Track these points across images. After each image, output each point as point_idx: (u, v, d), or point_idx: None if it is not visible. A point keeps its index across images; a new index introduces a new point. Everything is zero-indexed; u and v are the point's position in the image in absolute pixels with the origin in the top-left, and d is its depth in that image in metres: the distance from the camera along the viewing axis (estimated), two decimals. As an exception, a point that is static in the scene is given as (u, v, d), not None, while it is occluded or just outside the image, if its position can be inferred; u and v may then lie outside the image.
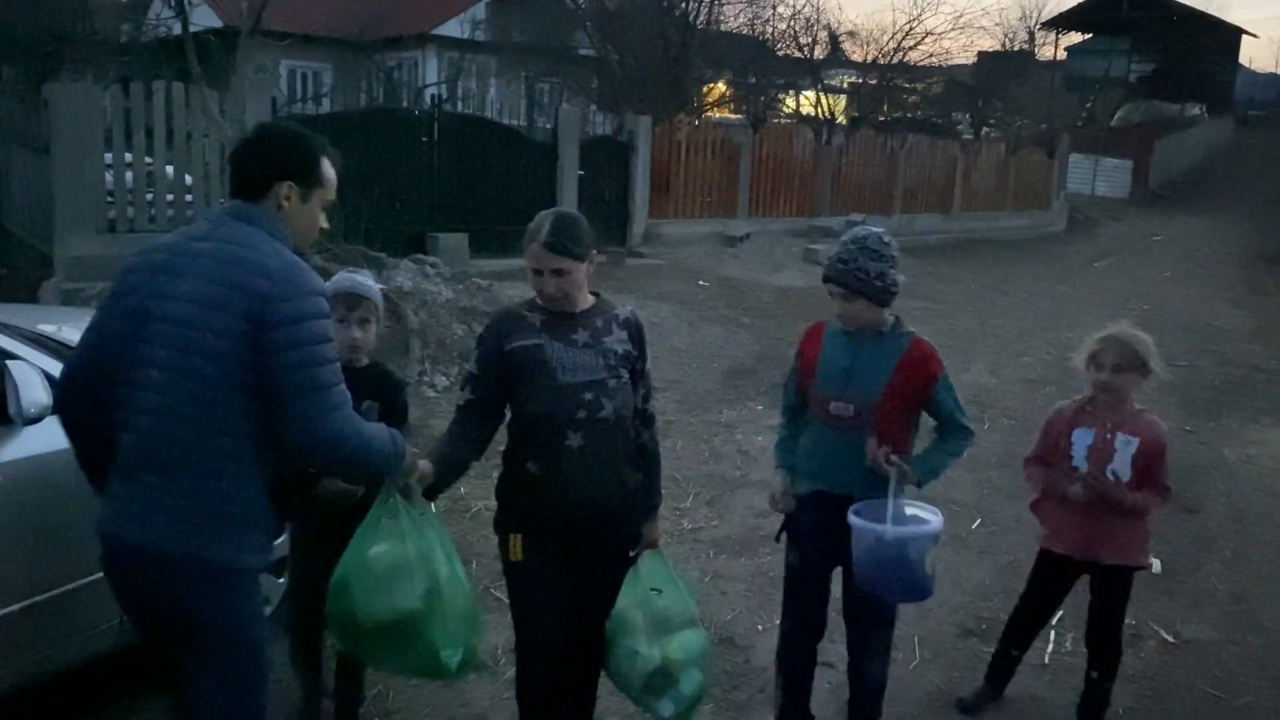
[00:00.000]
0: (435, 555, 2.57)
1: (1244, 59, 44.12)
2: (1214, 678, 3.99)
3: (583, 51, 21.20)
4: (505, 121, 16.03)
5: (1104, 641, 3.50)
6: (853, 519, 2.87)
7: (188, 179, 9.56)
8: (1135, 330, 3.40)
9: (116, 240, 8.93)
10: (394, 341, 7.62)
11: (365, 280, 3.16)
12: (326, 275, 8.02)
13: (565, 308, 2.79)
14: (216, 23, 16.32)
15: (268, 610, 3.47)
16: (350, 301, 3.05)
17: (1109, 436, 3.33)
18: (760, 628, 4.23)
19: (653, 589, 2.92)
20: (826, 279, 3.02)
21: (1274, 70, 45.70)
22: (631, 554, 2.96)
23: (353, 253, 8.68)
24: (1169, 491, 3.36)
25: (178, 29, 11.54)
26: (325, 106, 21.83)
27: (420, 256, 9.73)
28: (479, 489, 5.54)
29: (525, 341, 2.75)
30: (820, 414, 3.04)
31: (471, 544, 4.80)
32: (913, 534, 2.82)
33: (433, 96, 15.53)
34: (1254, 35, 49.23)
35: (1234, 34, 41.81)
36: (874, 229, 3.10)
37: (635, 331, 2.89)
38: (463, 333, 8.26)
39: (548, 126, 15.38)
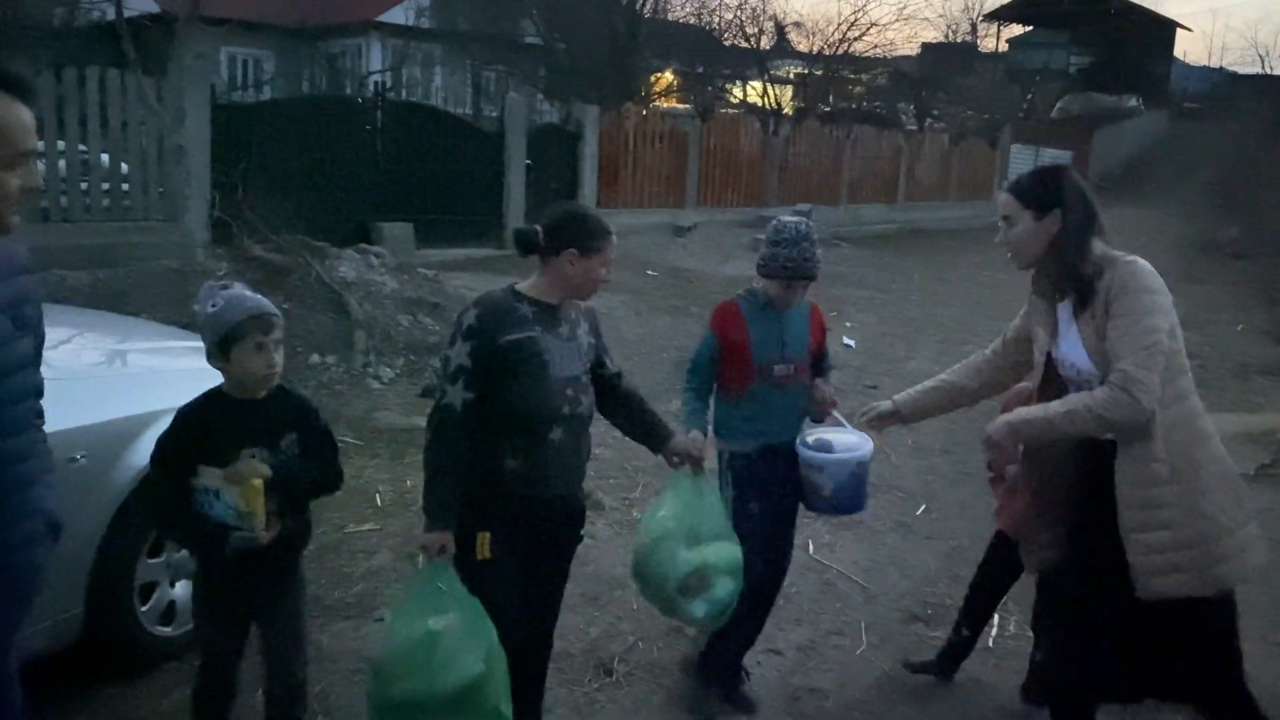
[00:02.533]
0: (477, 608, 2.60)
1: (1178, 52, 45.15)
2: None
3: (529, 40, 21.05)
4: (451, 110, 15.85)
5: (1050, 623, 3.54)
6: (832, 455, 3.31)
7: (124, 168, 9.33)
8: None
9: (50, 230, 8.68)
10: (338, 334, 7.53)
11: (264, 299, 2.81)
12: (268, 265, 7.87)
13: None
14: (153, 8, 15.90)
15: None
16: (265, 324, 2.67)
17: None
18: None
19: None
20: (797, 276, 3.34)
21: (1207, 63, 46.71)
22: (675, 460, 3.06)
23: (294, 243, 8.53)
24: None
25: (113, 14, 11.25)
26: (266, 94, 21.45)
27: (364, 247, 9.60)
28: (378, 469, 5.49)
29: (521, 334, 2.68)
30: (762, 380, 3.37)
31: (419, 537, 4.74)
32: (871, 451, 3.36)
33: (376, 84, 15.33)
34: (1188, 29, 50.38)
35: (1169, 27, 42.72)
36: (796, 219, 3.49)
37: (594, 321, 2.95)
38: (408, 324, 8.17)
39: (494, 115, 15.25)
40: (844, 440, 3.36)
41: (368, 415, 6.62)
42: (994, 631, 4.19)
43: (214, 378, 3.96)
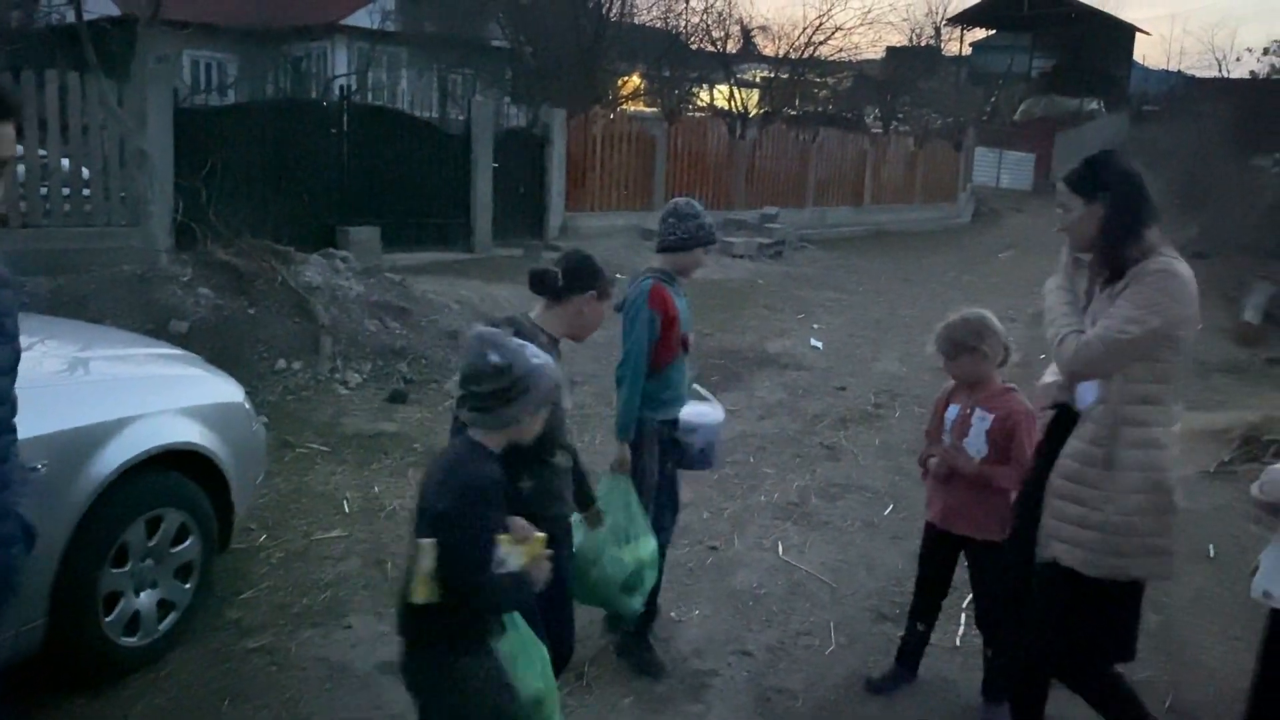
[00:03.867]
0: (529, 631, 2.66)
1: (1138, 56, 45.78)
2: (1115, 654, 4.12)
3: (495, 43, 20.98)
4: (417, 113, 15.77)
5: (988, 618, 3.62)
6: (705, 420, 3.90)
7: (85, 172, 9.21)
8: (967, 316, 3.57)
9: (9, 235, 8.55)
10: (304, 339, 7.47)
11: None
12: (233, 270, 7.80)
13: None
14: (114, 10, 15.73)
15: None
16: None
17: (968, 412, 3.53)
18: (674, 615, 4.25)
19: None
20: (712, 242, 3.88)
21: (1165, 67, 47.37)
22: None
23: (259, 248, 8.45)
24: (1016, 468, 3.39)
25: (72, 16, 11.11)
26: (230, 97, 21.23)
27: (331, 251, 9.54)
28: (393, 487, 5.47)
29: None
30: (680, 350, 3.75)
31: (387, 544, 4.73)
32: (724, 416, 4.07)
33: (342, 88, 15.22)
34: (1147, 33, 51.14)
35: (1128, 31, 43.32)
36: (685, 197, 4.07)
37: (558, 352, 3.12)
38: (375, 328, 8.12)
39: (460, 119, 15.20)
40: (702, 408, 3.94)
41: (334, 421, 6.57)
42: (961, 630, 4.24)
43: (179, 385, 3.95)
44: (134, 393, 3.69)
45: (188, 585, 3.75)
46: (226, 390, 4.13)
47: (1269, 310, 13.02)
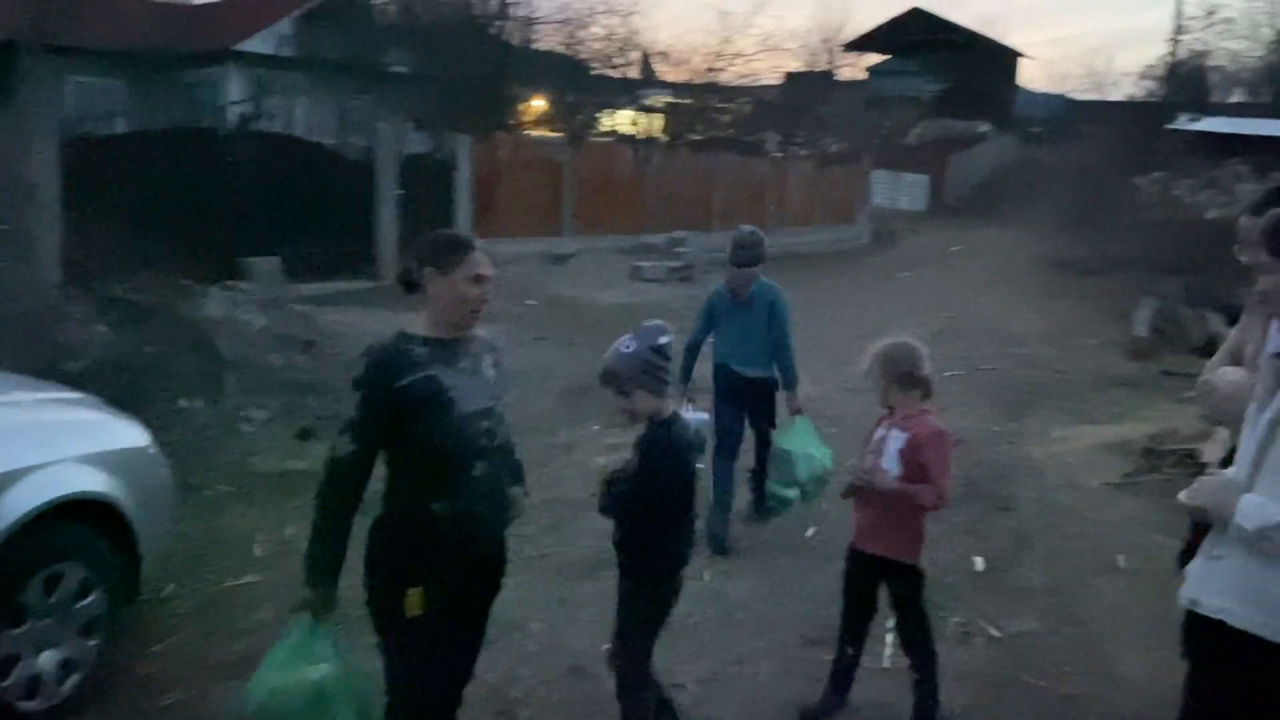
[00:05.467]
0: (353, 671, 2.61)
1: (1023, 80, 47.66)
2: (1039, 670, 4.20)
3: (396, 69, 20.73)
4: (317, 140, 15.46)
5: (912, 642, 3.66)
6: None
7: (-36, 204, 8.76)
8: (897, 345, 3.62)
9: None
10: (206, 375, 7.21)
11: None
12: (130, 306, 7.50)
13: (474, 326, 2.74)
14: (-8, 35, 15.06)
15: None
16: None
17: (885, 433, 3.59)
18: (607, 648, 4.16)
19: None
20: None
21: (1049, 90, 49.35)
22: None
23: (156, 282, 8.15)
24: (934, 487, 3.44)
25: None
26: (119, 125, 20.51)
27: (231, 283, 9.27)
28: (305, 529, 5.23)
29: (418, 375, 2.59)
30: None
31: (304, 587, 4.55)
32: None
33: (241, 115, 14.84)
34: (1031, 57, 53.25)
35: (1013, 56, 45.13)
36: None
37: (499, 355, 2.88)
38: (280, 362, 7.90)
39: (362, 145, 14.94)
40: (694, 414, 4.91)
41: (242, 460, 6.35)
42: (888, 651, 4.26)
43: (78, 430, 3.74)
44: (28, 441, 3.48)
45: (92, 643, 3.55)
46: (131, 434, 3.93)
47: (1156, 324, 13.57)
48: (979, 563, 5.31)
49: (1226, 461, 2.50)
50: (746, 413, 5.66)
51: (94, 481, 3.50)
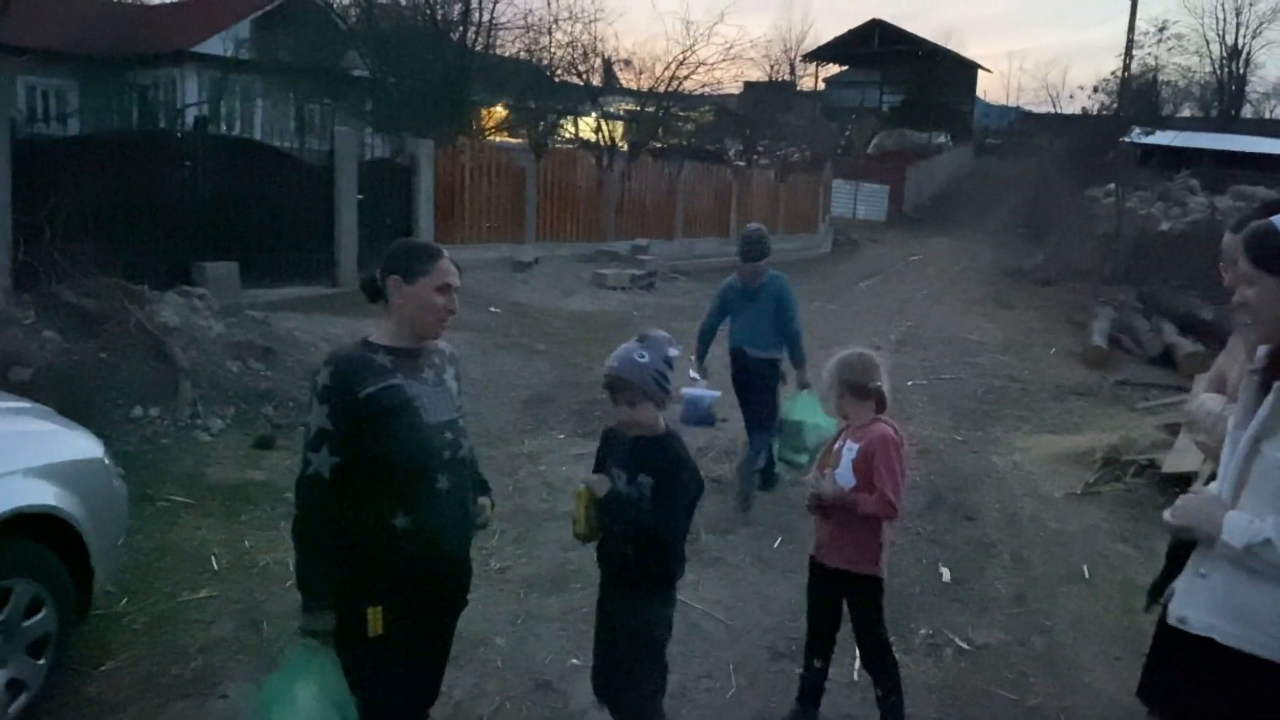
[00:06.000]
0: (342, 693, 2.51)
1: (980, 92, 48.29)
2: (1006, 680, 4.20)
3: (356, 72, 20.53)
4: (275, 144, 15.23)
5: (872, 656, 3.65)
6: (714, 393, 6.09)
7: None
8: (851, 356, 3.61)
9: None
10: (161, 383, 7.04)
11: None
12: (81, 312, 7.32)
13: (439, 335, 2.70)
14: (-62, 33, 14.71)
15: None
16: None
17: (841, 444, 3.59)
18: (576, 662, 4.12)
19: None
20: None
21: (1005, 102, 50.10)
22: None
23: (110, 287, 7.95)
24: (879, 495, 3.40)
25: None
26: (71, 127, 20.11)
27: (187, 289, 9.07)
28: (264, 541, 5.18)
29: (383, 383, 2.53)
30: None
31: (261, 602, 4.45)
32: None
33: (197, 118, 14.59)
34: (988, 70, 53.95)
35: (971, 69, 45.70)
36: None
37: (459, 368, 2.85)
38: (238, 370, 7.74)
39: (321, 149, 14.76)
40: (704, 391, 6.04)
41: (198, 471, 6.20)
42: (857, 663, 4.23)
43: (28, 441, 3.61)
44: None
45: (42, 661, 3.43)
46: (83, 445, 3.81)
47: (1112, 334, 13.75)
48: (945, 573, 5.32)
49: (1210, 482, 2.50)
50: (752, 389, 6.39)
51: (44, 494, 3.38)
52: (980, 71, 46.81)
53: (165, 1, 28.14)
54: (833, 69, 45.37)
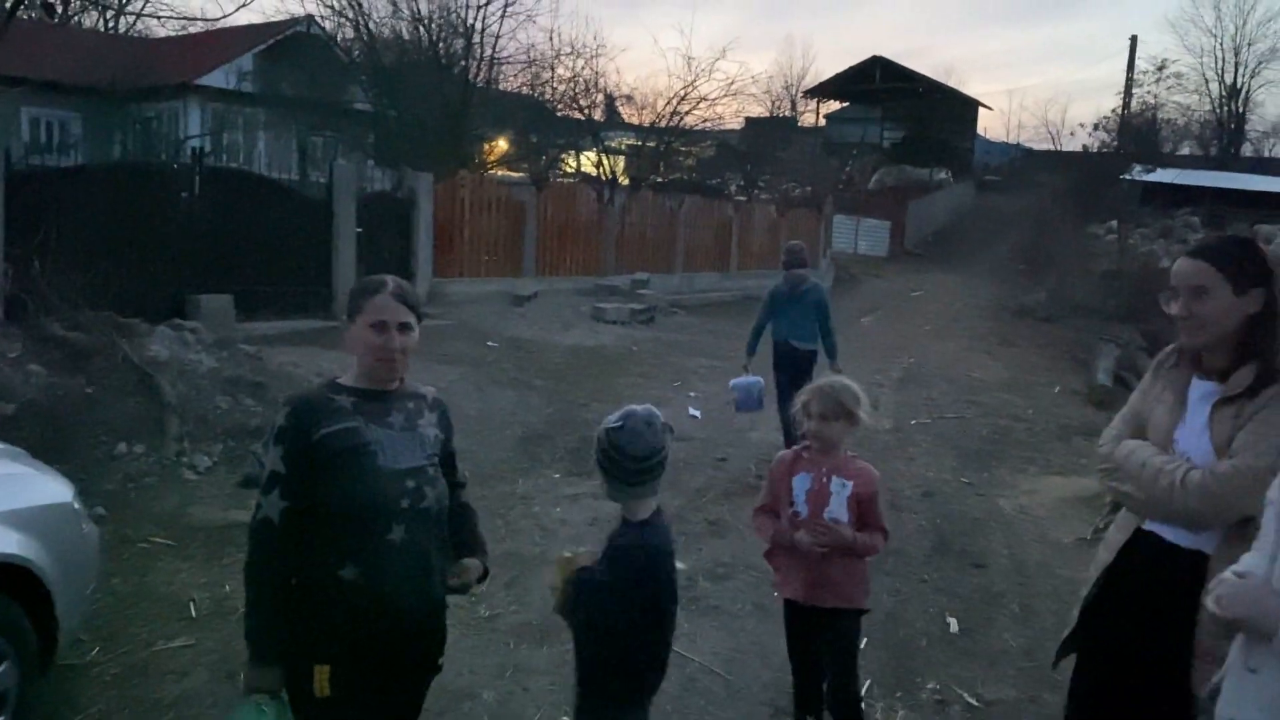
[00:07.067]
0: None
1: (981, 129, 48.47)
2: (1019, 740, 4.01)
3: (358, 106, 20.57)
4: (275, 176, 15.16)
5: (842, 695, 3.47)
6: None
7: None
8: (845, 382, 3.53)
9: None
10: (148, 419, 6.88)
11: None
12: (68, 345, 7.18)
13: (391, 377, 2.49)
14: (-63, 63, 14.72)
15: None
16: None
17: (825, 480, 3.42)
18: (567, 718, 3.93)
19: None
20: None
21: (1005, 139, 50.25)
22: (452, 583, 2.60)
23: (99, 320, 7.82)
24: (887, 532, 3.47)
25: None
26: (73, 158, 20.10)
27: (179, 322, 8.94)
28: (193, 572, 4.99)
29: (338, 426, 2.38)
30: None
31: (239, 651, 4.22)
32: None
33: (194, 149, 14.52)
34: (989, 107, 54.17)
35: (971, 106, 45.90)
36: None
37: (443, 415, 2.66)
38: (227, 405, 7.59)
39: (321, 182, 14.69)
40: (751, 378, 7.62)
41: (181, 510, 6.03)
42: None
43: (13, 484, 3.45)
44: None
45: (1, 718, 3.25)
46: (52, 490, 3.64)
47: (1117, 372, 13.60)
48: (953, 624, 5.13)
49: None
50: (794, 375, 7.39)
51: (7, 542, 3.21)
52: (981, 109, 47.06)
53: (170, 35, 28.30)
54: (834, 105, 45.60)
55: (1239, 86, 45.43)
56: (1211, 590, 1.92)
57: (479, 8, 19.73)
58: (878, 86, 40.42)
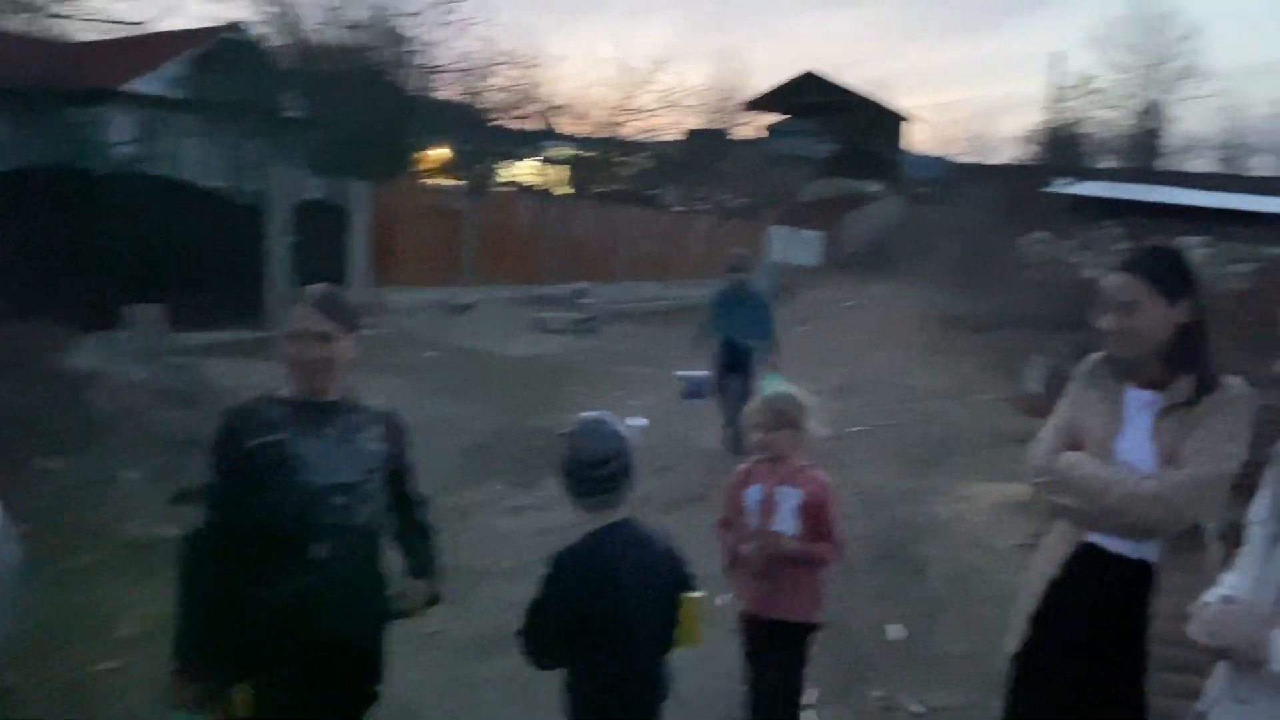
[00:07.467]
0: None
1: (911, 142, 49.43)
2: (964, 745, 4.05)
3: (291, 113, 20.28)
4: (207, 185, 14.88)
5: (767, 702, 3.51)
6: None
7: None
8: (789, 392, 3.57)
9: None
10: (77, 432, 6.68)
11: None
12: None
13: (319, 388, 2.42)
14: None
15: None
16: None
17: (770, 492, 3.43)
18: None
19: None
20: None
21: (935, 153, 51.24)
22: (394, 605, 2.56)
23: (26, 331, 7.57)
24: (840, 542, 3.47)
25: None
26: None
27: (110, 332, 8.70)
28: (124, 590, 4.85)
29: (266, 438, 2.33)
30: None
31: (176, 671, 4.14)
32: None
33: (125, 156, 14.18)
34: (918, 120, 55.40)
35: (900, 119, 46.82)
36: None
37: (393, 429, 2.59)
38: (159, 418, 7.40)
39: (254, 190, 14.45)
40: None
41: (112, 525, 5.86)
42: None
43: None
44: None
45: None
46: (-23, 506, 3.51)
47: (1048, 382, 13.87)
48: (896, 631, 5.18)
49: None
50: (736, 369, 8.43)
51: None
52: (910, 122, 48.00)
53: (98, 39, 27.60)
54: (770, 118, 46.13)
55: (1156, 102, 46.89)
56: (1196, 615, 1.89)
57: (414, 15, 19.63)
58: (811, 100, 41.04)
